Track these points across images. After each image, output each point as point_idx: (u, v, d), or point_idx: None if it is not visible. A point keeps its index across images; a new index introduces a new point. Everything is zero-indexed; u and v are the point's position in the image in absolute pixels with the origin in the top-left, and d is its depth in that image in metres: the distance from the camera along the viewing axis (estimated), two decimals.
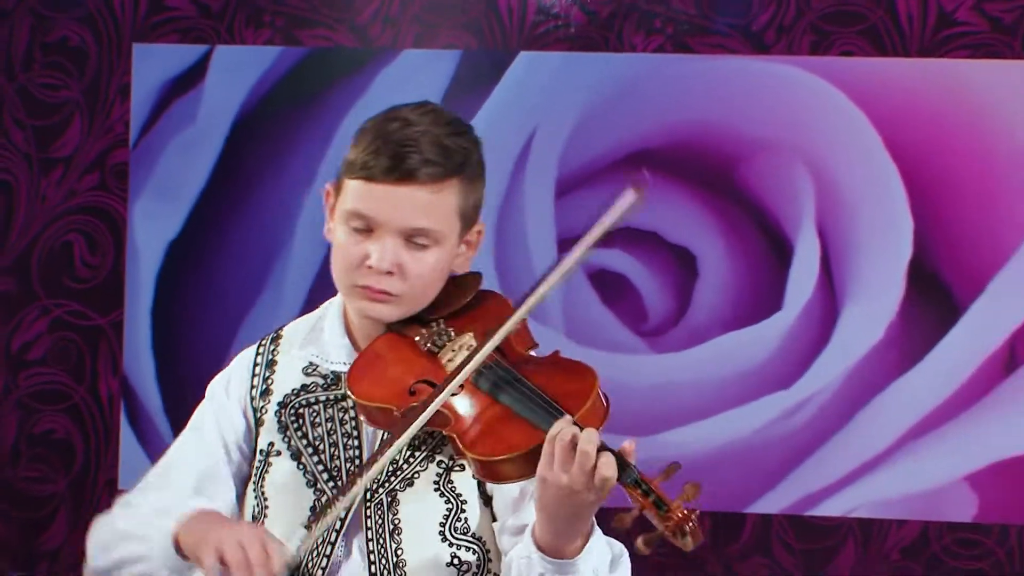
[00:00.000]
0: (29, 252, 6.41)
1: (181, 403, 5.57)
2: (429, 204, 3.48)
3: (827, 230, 6.18)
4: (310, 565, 3.58)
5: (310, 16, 6.33)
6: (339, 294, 3.66)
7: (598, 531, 3.37)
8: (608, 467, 3.17)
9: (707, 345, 6.16)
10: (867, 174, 6.18)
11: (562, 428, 3.21)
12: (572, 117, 6.24)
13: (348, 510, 3.55)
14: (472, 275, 3.63)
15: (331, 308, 3.69)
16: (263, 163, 6.43)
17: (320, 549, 3.58)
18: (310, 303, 6.17)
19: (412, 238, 3.48)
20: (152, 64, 6.37)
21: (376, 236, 3.48)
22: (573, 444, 3.20)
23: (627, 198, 3.34)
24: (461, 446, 3.36)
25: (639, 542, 3.18)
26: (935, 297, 6.15)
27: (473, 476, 3.46)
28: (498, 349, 3.42)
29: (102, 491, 6.19)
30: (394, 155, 3.45)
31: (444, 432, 3.42)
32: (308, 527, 3.52)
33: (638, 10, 6.19)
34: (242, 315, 6.36)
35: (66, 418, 6.37)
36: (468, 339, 3.49)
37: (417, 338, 3.51)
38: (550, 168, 6.26)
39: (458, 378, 3.38)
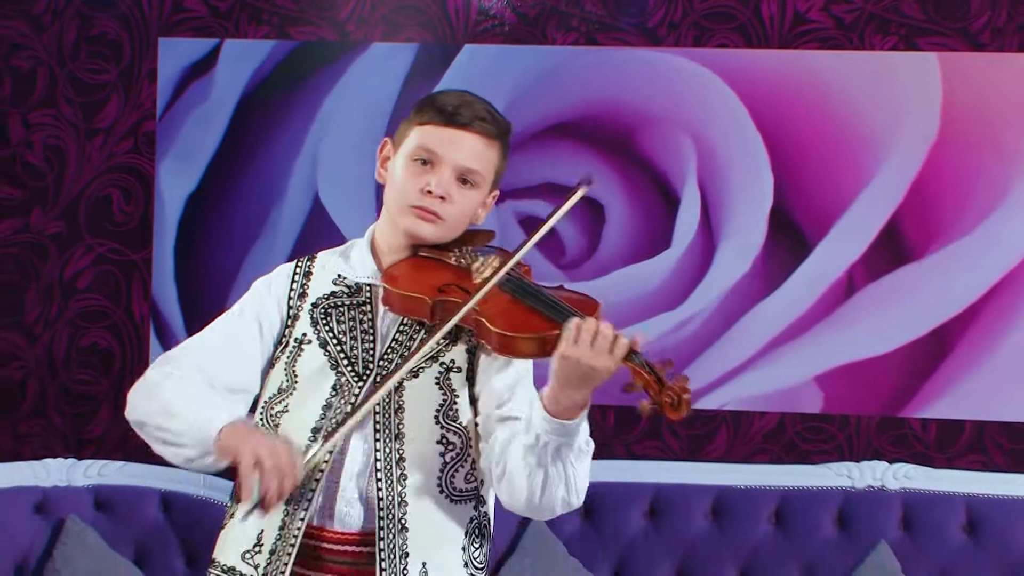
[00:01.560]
0: (77, 202, 6.60)
1: (197, 320, 5.38)
2: (480, 153, 3.80)
3: (706, 185, 6.41)
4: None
5: (299, 15, 6.51)
6: (368, 231, 3.90)
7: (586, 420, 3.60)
8: (625, 346, 3.49)
9: (612, 275, 6.39)
10: (737, 141, 6.38)
11: (586, 319, 3.51)
12: (506, 96, 6.36)
13: (351, 388, 3.75)
14: (488, 231, 3.92)
15: (359, 241, 3.90)
16: (262, 133, 6.57)
17: (334, 419, 3.75)
18: (299, 243, 6.41)
19: (463, 176, 3.78)
20: (174, 54, 6.56)
21: (436, 170, 3.76)
22: (596, 329, 3.48)
23: (580, 192, 3.74)
24: (489, 324, 3.63)
25: (642, 405, 3.54)
26: (790, 237, 6.36)
27: (494, 351, 3.67)
28: (515, 269, 3.71)
29: None
30: (457, 108, 3.78)
31: (473, 319, 3.66)
32: (327, 437, 3.68)
33: (558, 12, 6.39)
34: (245, 252, 6.54)
35: (107, 333, 6.60)
36: (493, 260, 3.74)
37: (451, 256, 3.78)
38: None
39: (500, 273, 3.64)
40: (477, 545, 3.80)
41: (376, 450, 3.74)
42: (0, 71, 6.63)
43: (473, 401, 3.77)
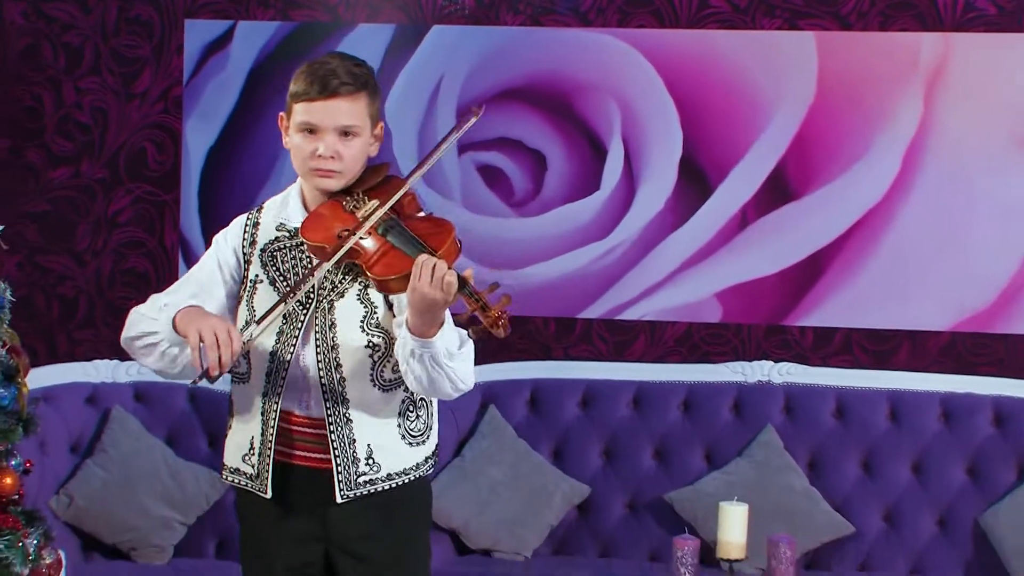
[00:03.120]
0: (118, 153, 6.56)
1: None
2: (350, 110, 3.73)
3: (628, 139, 6.37)
4: (281, 351, 3.76)
5: (298, 0, 6.45)
6: (297, 180, 3.86)
7: (449, 325, 3.64)
8: (452, 277, 3.51)
9: (552, 212, 6.37)
10: (653, 104, 6.34)
11: (426, 257, 3.53)
12: (466, 67, 6.37)
13: (297, 312, 3.75)
14: (383, 164, 3.88)
15: (293, 189, 3.87)
16: (268, 98, 6.48)
17: (288, 340, 3.76)
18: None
19: (343, 133, 3.73)
20: (197, 33, 6.50)
21: (319, 136, 3.72)
22: (432, 266, 3.51)
23: (470, 117, 3.79)
24: (365, 270, 3.66)
25: (469, 331, 3.58)
26: (695, 181, 6.34)
27: (376, 288, 3.69)
28: (393, 208, 3.70)
29: None
30: (321, 81, 3.72)
31: (357, 261, 3.66)
32: (258, 322, 3.70)
33: None
34: (255, 193, 6.47)
35: (144, 259, 6.58)
36: (375, 203, 3.72)
37: (344, 203, 3.76)
38: (452, 99, 6.35)
39: (371, 219, 3.67)
40: (412, 419, 3.83)
41: (318, 360, 3.76)
42: (55, 46, 6.58)
43: (390, 307, 3.77)
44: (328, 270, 3.75)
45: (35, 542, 4.17)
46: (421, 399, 3.85)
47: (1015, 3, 6.19)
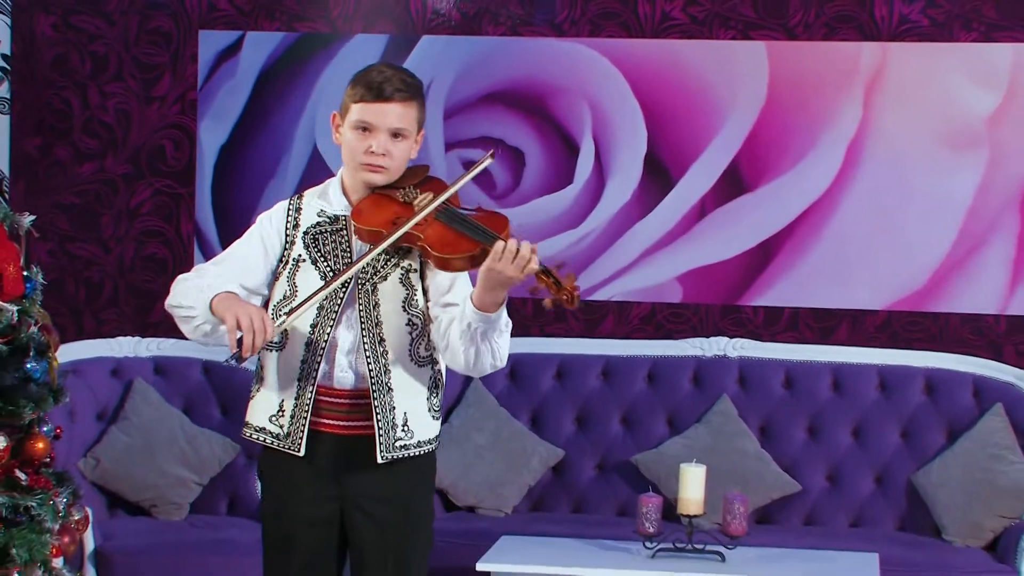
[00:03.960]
0: (140, 150, 6.54)
1: (228, 237, 5.45)
2: (402, 114, 3.75)
3: (598, 138, 6.34)
4: (322, 325, 3.75)
5: (301, 13, 6.42)
6: (338, 173, 3.86)
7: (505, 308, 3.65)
8: (536, 264, 3.56)
9: (530, 203, 6.37)
10: (621, 106, 6.32)
11: (509, 242, 3.54)
12: (452, 74, 6.36)
13: (338, 291, 3.73)
14: (423, 165, 3.90)
15: (333, 181, 3.86)
16: (274, 101, 6.48)
17: (328, 316, 3.75)
18: (302, 182, 6.35)
19: (394, 134, 3.75)
20: (210, 42, 6.47)
21: (374, 135, 3.73)
22: (516, 250, 3.53)
23: (486, 159, 3.81)
24: (430, 249, 3.65)
25: (546, 302, 3.60)
26: (659, 175, 6.32)
27: (433, 268, 3.69)
28: (447, 201, 3.72)
29: None
30: (380, 86, 3.73)
31: (416, 244, 3.66)
32: (296, 308, 3.67)
33: (490, 11, 6.32)
34: (263, 187, 6.45)
35: (162, 246, 6.55)
36: (429, 195, 3.72)
37: (398, 194, 3.75)
38: (440, 102, 6.34)
39: (429, 208, 3.66)
40: (436, 396, 3.86)
41: (363, 335, 3.76)
42: (82, 55, 6.56)
43: (425, 292, 3.80)
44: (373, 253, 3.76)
45: (65, 500, 4.21)
46: (442, 379, 3.89)
47: (945, 16, 6.21)
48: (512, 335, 6.08)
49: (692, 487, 5.22)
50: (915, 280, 6.26)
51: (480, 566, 5.03)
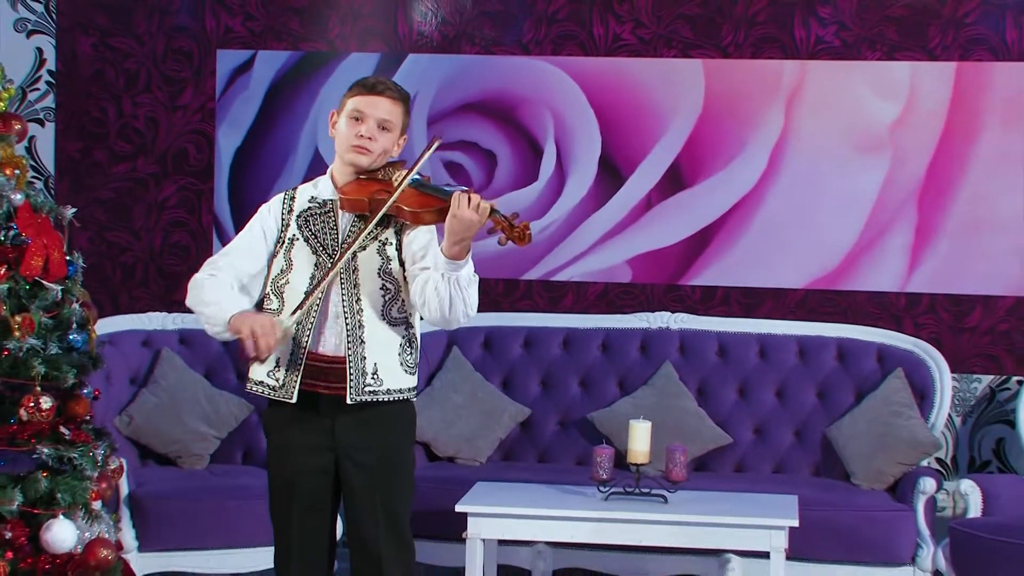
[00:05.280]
0: (167, 152, 6.51)
1: (242, 226, 4.67)
2: (390, 109, 3.80)
3: (559, 141, 6.32)
4: (312, 297, 3.72)
5: (304, 34, 6.40)
6: (328, 170, 3.86)
7: (472, 261, 3.69)
8: (488, 205, 3.60)
9: (501, 197, 6.20)
10: (579, 115, 6.29)
11: (461, 191, 3.62)
12: (434, 87, 6.34)
13: (325, 261, 3.76)
14: (402, 160, 3.92)
15: (323, 176, 3.89)
16: (281, 110, 6.45)
17: (317, 282, 3.73)
18: (305, 179, 5.58)
19: (381, 124, 3.78)
20: (226, 60, 6.45)
21: (364, 123, 3.77)
22: (470, 196, 3.59)
23: (435, 144, 3.82)
24: (405, 207, 3.68)
25: (501, 239, 3.62)
26: (611, 173, 6.29)
27: (409, 222, 3.72)
28: (418, 176, 3.78)
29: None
30: (373, 84, 3.81)
31: (395, 207, 3.67)
32: (300, 306, 3.69)
33: (466, 33, 6.29)
34: (271, 185, 6.38)
35: (186, 235, 6.52)
36: (402, 172, 3.76)
37: (378, 174, 3.80)
38: (424, 111, 6.32)
39: (407, 176, 3.70)
40: (409, 352, 3.85)
41: (343, 297, 3.77)
42: (117, 70, 6.53)
43: (401, 262, 3.80)
44: (354, 230, 3.75)
45: (102, 452, 4.21)
46: (414, 338, 3.86)
47: (854, 38, 6.19)
48: (486, 311, 6.08)
49: (639, 440, 5.19)
50: (828, 263, 6.24)
51: (458, 508, 5.03)
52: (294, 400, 3.76)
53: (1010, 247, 6.09)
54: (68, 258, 4.36)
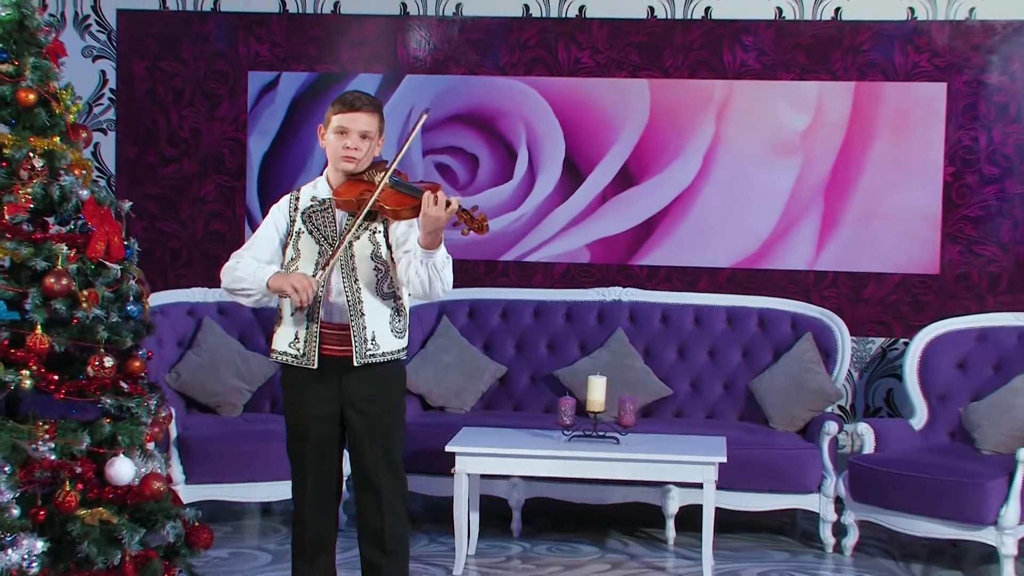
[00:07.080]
0: (208, 156, 6.49)
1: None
2: (368, 121, 3.72)
3: (531, 147, 6.28)
4: (318, 274, 3.73)
5: (319, 57, 6.36)
6: (323, 172, 3.80)
7: (444, 246, 3.64)
8: (453, 202, 3.54)
9: (483, 193, 6.26)
10: (547, 125, 6.27)
11: (430, 192, 3.55)
12: (427, 101, 6.28)
13: (327, 250, 3.71)
14: (384, 160, 3.84)
15: (320, 178, 3.84)
16: (301, 121, 6.41)
17: (320, 267, 3.73)
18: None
19: (362, 135, 3.72)
20: (256, 80, 6.43)
21: (349, 136, 3.71)
22: (437, 196, 3.53)
23: (423, 117, 3.73)
24: (385, 206, 3.63)
25: (464, 231, 3.56)
26: (573, 173, 6.27)
27: (390, 219, 3.66)
28: (395, 173, 3.70)
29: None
30: (352, 101, 3.72)
31: (378, 205, 3.61)
32: (321, 270, 3.68)
33: (454, 57, 6.26)
34: (292, 182, 6.30)
35: (223, 224, 6.50)
36: (383, 173, 3.70)
37: (364, 175, 3.74)
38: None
39: (384, 178, 3.65)
40: (398, 320, 3.79)
41: (343, 276, 3.73)
42: (166, 88, 6.51)
43: (388, 246, 3.76)
44: (351, 221, 3.68)
45: (155, 403, 4.19)
46: (403, 308, 3.81)
47: (772, 61, 6.18)
48: (469, 286, 6.07)
49: (596, 392, 5.16)
50: (751, 246, 6.23)
51: (448, 448, 5.01)
52: (315, 367, 3.73)
53: (897, 233, 6.10)
54: (126, 243, 4.31)
